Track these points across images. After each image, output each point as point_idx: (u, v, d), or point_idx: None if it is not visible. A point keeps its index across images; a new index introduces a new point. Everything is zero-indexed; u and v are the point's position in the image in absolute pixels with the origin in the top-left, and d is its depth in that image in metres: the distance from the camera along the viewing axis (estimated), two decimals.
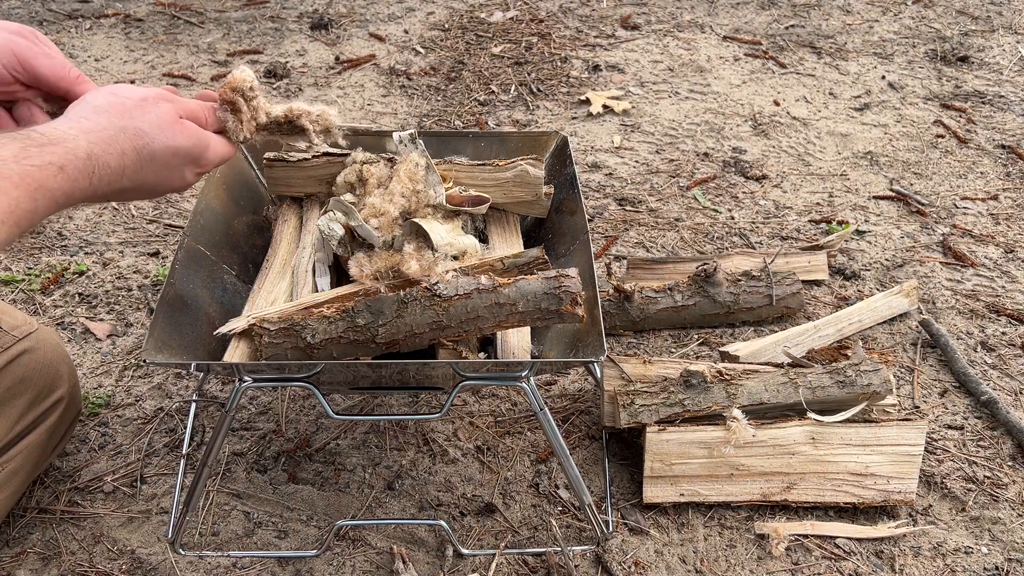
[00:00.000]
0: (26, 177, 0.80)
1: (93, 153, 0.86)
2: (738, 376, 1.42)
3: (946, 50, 3.02)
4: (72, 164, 0.84)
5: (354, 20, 3.18)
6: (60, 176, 0.83)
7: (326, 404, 1.16)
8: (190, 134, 0.98)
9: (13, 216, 0.78)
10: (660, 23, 3.21)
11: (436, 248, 1.18)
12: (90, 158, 0.86)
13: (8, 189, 0.78)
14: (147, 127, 0.92)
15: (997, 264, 2.01)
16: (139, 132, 0.92)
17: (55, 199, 0.83)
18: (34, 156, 0.81)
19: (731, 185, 2.28)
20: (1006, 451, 1.54)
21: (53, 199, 0.83)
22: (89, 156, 0.86)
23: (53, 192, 0.82)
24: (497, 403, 1.61)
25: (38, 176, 0.81)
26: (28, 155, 0.81)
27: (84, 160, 0.85)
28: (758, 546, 1.36)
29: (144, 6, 3.23)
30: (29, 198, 0.80)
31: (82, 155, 0.85)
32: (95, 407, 1.56)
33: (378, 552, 1.33)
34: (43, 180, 0.81)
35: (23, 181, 0.79)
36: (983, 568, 1.34)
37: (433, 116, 2.57)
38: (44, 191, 0.81)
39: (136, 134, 0.91)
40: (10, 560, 1.30)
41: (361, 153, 1.33)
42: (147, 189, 0.97)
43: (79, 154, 0.85)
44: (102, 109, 0.91)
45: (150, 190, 0.97)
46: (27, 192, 0.79)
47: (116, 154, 0.89)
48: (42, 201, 0.81)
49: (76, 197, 0.86)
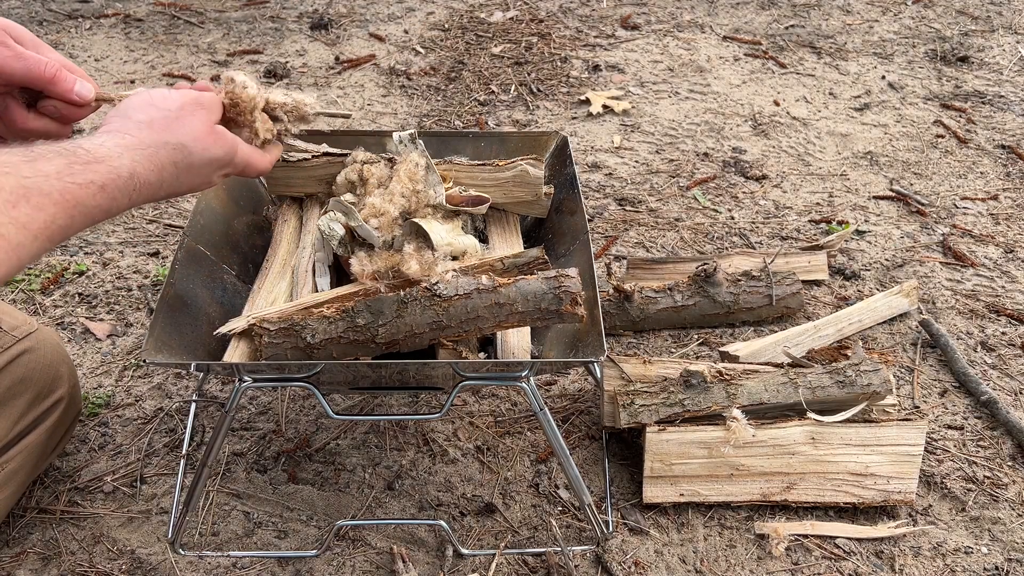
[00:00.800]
0: (66, 194, 0.80)
1: (136, 172, 0.87)
2: (738, 376, 1.42)
3: (946, 50, 3.02)
4: (114, 183, 0.85)
5: (354, 20, 3.18)
6: (100, 195, 0.83)
7: (326, 404, 1.16)
8: (224, 143, 1.00)
9: (47, 231, 0.78)
10: (660, 23, 3.21)
11: (436, 248, 1.18)
12: (132, 177, 0.87)
13: (47, 206, 0.78)
14: (187, 140, 0.94)
15: (997, 264, 2.01)
16: (180, 147, 0.93)
17: (91, 216, 0.84)
18: (77, 174, 0.82)
19: (731, 185, 2.28)
20: (1006, 451, 1.54)
21: (90, 216, 0.83)
22: (132, 175, 0.87)
23: (91, 210, 0.83)
24: (497, 403, 1.61)
25: (78, 194, 0.81)
26: (72, 172, 0.81)
27: (127, 179, 0.86)
28: (758, 546, 1.36)
29: (144, 6, 3.23)
30: (66, 215, 0.80)
31: (125, 174, 0.86)
32: (95, 407, 1.56)
33: (378, 552, 1.33)
34: (82, 198, 0.82)
35: (63, 198, 0.80)
36: (983, 568, 1.34)
37: (433, 116, 2.57)
38: (82, 208, 0.82)
39: (176, 148, 0.93)
40: (10, 560, 1.30)
41: (362, 153, 1.33)
42: (176, 195, 0.99)
43: (122, 173, 0.86)
44: (144, 124, 0.92)
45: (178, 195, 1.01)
46: (64, 209, 0.80)
47: (156, 170, 0.90)
48: (78, 219, 0.82)
49: (112, 213, 0.87)
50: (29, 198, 0.76)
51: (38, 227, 0.77)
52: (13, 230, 0.75)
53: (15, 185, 0.76)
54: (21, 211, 0.75)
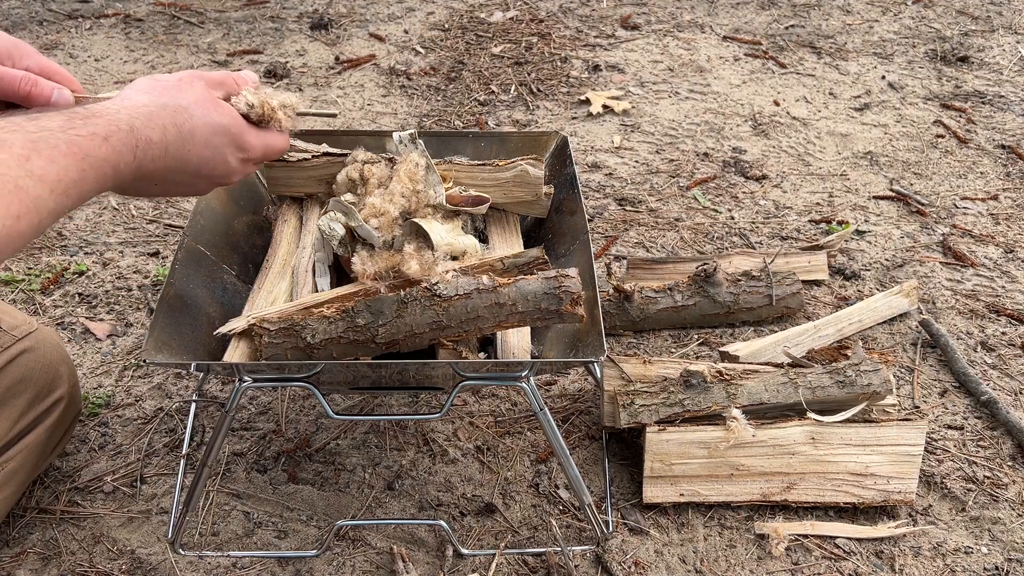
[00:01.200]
0: (72, 145, 0.80)
1: (135, 126, 0.88)
2: (738, 376, 1.42)
3: (946, 50, 3.02)
4: (115, 136, 0.85)
5: (354, 20, 3.18)
6: (105, 146, 0.84)
7: (326, 404, 1.16)
8: (227, 111, 1.01)
9: (62, 184, 0.79)
10: (660, 23, 3.21)
11: (436, 248, 1.18)
12: (132, 130, 0.87)
13: (57, 157, 0.78)
14: (186, 103, 0.95)
15: (997, 264, 2.01)
16: (179, 108, 0.94)
17: (102, 171, 0.84)
18: (79, 127, 0.83)
19: (731, 185, 2.28)
20: (1006, 451, 1.54)
21: (100, 170, 0.83)
22: (131, 128, 0.87)
23: (99, 162, 0.83)
24: (497, 403, 1.61)
25: (84, 144, 0.82)
26: (73, 126, 0.82)
27: (127, 132, 0.86)
28: (758, 546, 1.36)
29: (144, 6, 3.23)
30: (76, 167, 0.80)
31: (124, 127, 0.86)
32: (95, 407, 1.56)
33: (378, 552, 1.33)
34: (89, 149, 0.82)
35: (70, 149, 0.80)
36: (983, 568, 1.34)
37: (433, 116, 2.57)
38: (90, 160, 0.82)
39: (176, 110, 0.93)
40: (10, 560, 1.30)
41: (362, 153, 1.33)
42: (192, 171, 0.98)
43: (121, 126, 0.86)
44: (142, 90, 0.94)
45: (195, 173, 0.98)
46: (74, 160, 0.80)
47: (158, 128, 0.90)
48: (89, 172, 0.82)
49: (123, 172, 0.87)
50: (40, 151, 0.77)
51: (53, 179, 0.78)
52: (30, 183, 0.75)
53: (24, 140, 0.77)
54: (34, 164, 0.76)
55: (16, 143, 0.76)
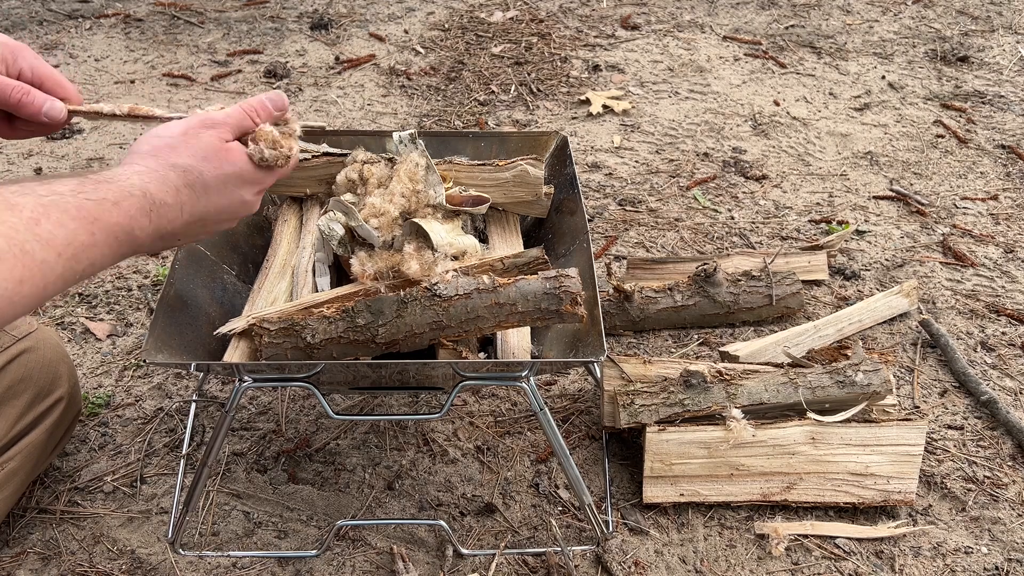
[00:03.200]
0: (82, 210, 0.79)
1: (149, 191, 0.87)
2: (738, 376, 1.42)
3: (946, 50, 3.02)
4: (127, 201, 0.84)
5: (354, 20, 3.18)
6: (116, 211, 0.83)
7: (326, 404, 1.16)
8: (236, 159, 0.99)
9: (71, 248, 0.78)
10: (660, 23, 3.21)
11: (436, 248, 1.18)
12: (146, 196, 0.86)
13: (66, 222, 0.77)
14: (194, 162, 0.94)
15: (997, 264, 2.01)
16: (188, 168, 0.93)
17: (115, 236, 0.83)
18: (90, 191, 0.82)
19: (731, 185, 2.28)
20: (1006, 451, 1.54)
21: (112, 235, 0.82)
22: (145, 194, 0.86)
23: (111, 227, 0.82)
24: (497, 403, 1.61)
25: (94, 210, 0.81)
26: (84, 190, 0.82)
27: (140, 198, 0.86)
28: (758, 546, 1.36)
29: (144, 6, 3.23)
30: (86, 231, 0.79)
31: (137, 192, 0.86)
32: (95, 407, 1.56)
33: (378, 552, 1.33)
34: (99, 214, 0.81)
35: (80, 214, 0.79)
36: (983, 568, 1.34)
37: (433, 116, 2.57)
38: (101, 225, 0.81)
39: (186, 170, 0.93)
40: (10, 560, 1.30)
41: (362, 153, 1.33)
42: (212, 220, 0.98)
43: (134, 192, 0.85)
44: (148, 153, 0.93)
45: (215, 221, 0.98)
46: (83, 225, 0.79)
47: (171, 191, 0.90)
48: (100, 235, 0.81)
49: (139, 237, 0.86)
50: (49, 215, 0.76)
51: (60, 243, 0.76)
52: (37, 247, 0.74)
53: (34, 203, 0.76)
54: (43, 228, 0.75)
55: (26, 206, 0.75)
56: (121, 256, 0.86)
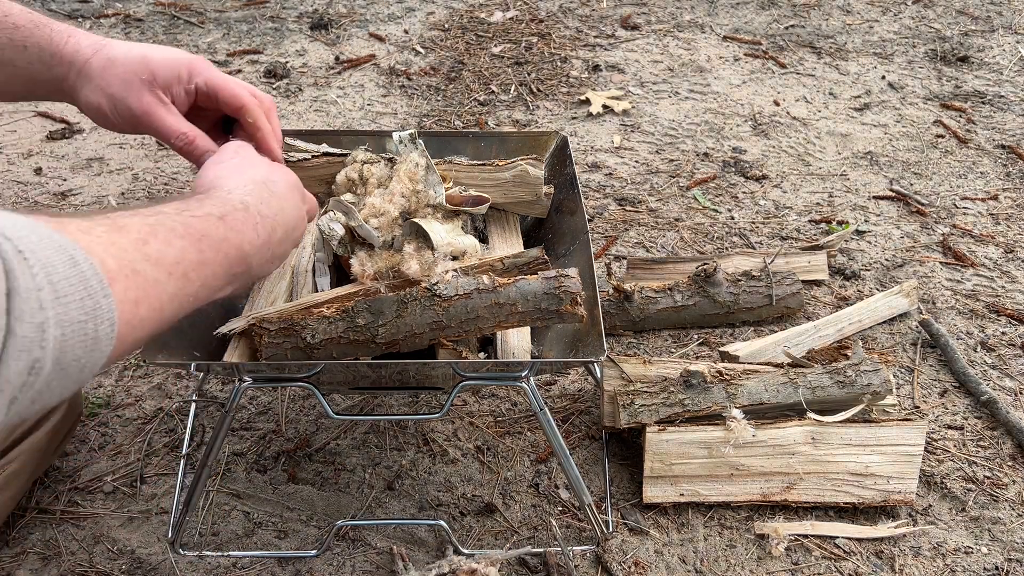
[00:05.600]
0: (188, 227, 0.79)
1: (247, 202, 0.87)
2: (738, 376, 1.42)
3: (946, 50, 3.02)
4: (231, 215, 0.84)
5: (354, 20, 3.18)
6: (221, 225, 0.82)
7: (326, 404, 1.16)
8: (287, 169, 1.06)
9: (180, 267, 0.76)
10: (660, 23, 3.21)
11: (436, 248, 1.18)
12: (247, 208, 0.87)
13: (173, 240, 0.76)
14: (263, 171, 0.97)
15: (997, 264, 2.01)
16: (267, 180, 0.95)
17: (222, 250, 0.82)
18: (194, 208, 0.82)
19: (731, 185, 2.28)
20: (1006, 451, 1.54)
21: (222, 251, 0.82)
22: (246, 207, 0.87)
23: (218, 243, 0.81)
24: (497, 403, 1.61)
25: (199, 225, 0.80)
26: (188, 207, 0.82)
27: (242, 210, 0.86)
28: (758, 546, 1.36)
29: (144, 6, 3.23)
30: (195, 248, 0.78)
31: (239, 204, 0.86)
32: (95, 407, 1.56)
33: (378, 552, 1.33)
34: (205, 229, 0.80)
35: (187, 231, 0.78)
36: (983, 568, 1.34)
37: (433, 116, 2.57)
38: (209, 241, 0.80)
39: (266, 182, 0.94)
40: (10, 560, 1.30)
41: (362, 153, 1.33)
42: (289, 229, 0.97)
43: (236, 204, 0.86)
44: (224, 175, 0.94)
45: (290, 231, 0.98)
46: (191, 242, 0.78)
47: (264, 201, 0.90)
48: (209, 252, 0.80)
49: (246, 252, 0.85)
50: (156, 234, 0.75)
51: (171, 262, 0.75)
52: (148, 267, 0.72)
53: (141, 224, 0.75)
54: (152, 247, 0.74)
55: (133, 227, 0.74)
56: (233, 276, 0.85)
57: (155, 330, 0.74)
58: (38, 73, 1.02)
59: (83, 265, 0.63)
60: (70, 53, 1.02)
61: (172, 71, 1.04)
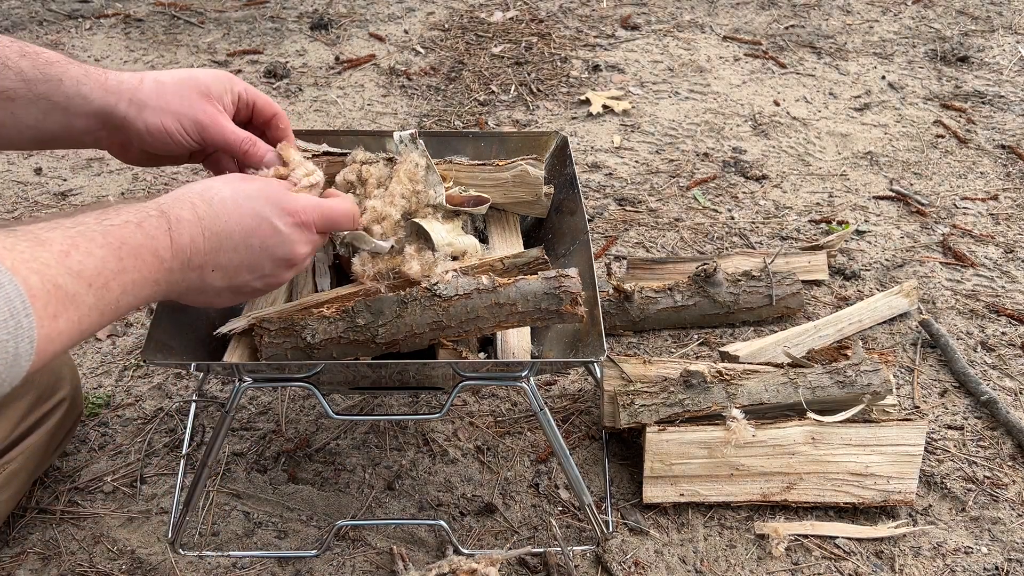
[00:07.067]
0: (108, 235, 0.80)
1: (163, 209, 0.88)
2: (738, 376, 1.42)
3: (946, 50, 3.02)
4: (148, 221, 0.85)
5: (354, 20, 3.18)
6: (139, 232, 0.83)
7: (326, 404, 1.16)
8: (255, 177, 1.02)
9: (101, 277, 0.77)
10: (660, 23, 3.21)
11: (437, 248, 1.18)
12: (162, 213, 0.87)
13: (94, 250, 0.77)
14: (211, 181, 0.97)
15: (997, 264, 2.01)
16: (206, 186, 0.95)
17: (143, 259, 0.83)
18: (112, 217, 0.83)
19: (731, 185, 2.28)
20: (1006, 451, 1.54)
21: (140, 258, 0.83)
22: (161, 212, 0.87)
23: (137, 249, 0.82)
24: (497, 403, 1.61)
25: (118, 233, 0.81)
26: (107, 216, 0.83)
27: (157, 216, 0.87)
28: (758, 546, 1.36)
29: (144, 6, 3.23)
30: (115, 257, 0.80)
31: (154, 212, 0.87)
32: (95, 407, 1.56)
33: (378, 552, 1.33)
34: (124, 236, 0.81)
35: (106, 240, 0.79)
36: (983, 568, 1.34)
37: (433, 116, 2.57)
38: (128, 248, 0.81)
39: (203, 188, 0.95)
40: (10, 560, 1.30)
41: (361, 153, 1.32)
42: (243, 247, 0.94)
43: (151, 212, 0.87)
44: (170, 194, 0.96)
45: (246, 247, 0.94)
46: (111, 251, 0.79)
47: (187, 205, 0.90)
48: (128, 261, 0.81)
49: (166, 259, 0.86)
50: (78, 245, 0.77)
51: (91, 273, 0.76)
52: (69, 280, 0.74)
53: (62, 237, 0.76)
54: (73, 259, 0.75)
55: (55, 241, 0.76)
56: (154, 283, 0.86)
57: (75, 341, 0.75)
58: (77, 107, 1.02)
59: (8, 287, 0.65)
60: (114, 84, 1.03)
61: (219, 83, 1.07)
